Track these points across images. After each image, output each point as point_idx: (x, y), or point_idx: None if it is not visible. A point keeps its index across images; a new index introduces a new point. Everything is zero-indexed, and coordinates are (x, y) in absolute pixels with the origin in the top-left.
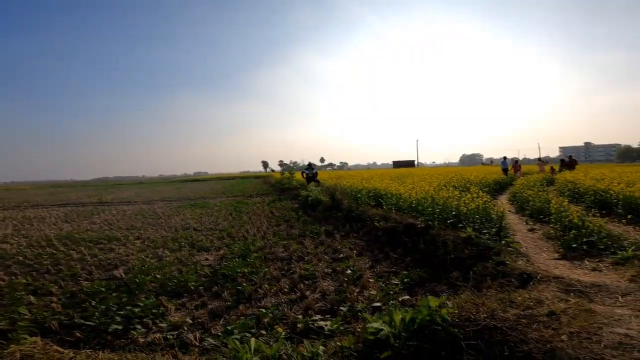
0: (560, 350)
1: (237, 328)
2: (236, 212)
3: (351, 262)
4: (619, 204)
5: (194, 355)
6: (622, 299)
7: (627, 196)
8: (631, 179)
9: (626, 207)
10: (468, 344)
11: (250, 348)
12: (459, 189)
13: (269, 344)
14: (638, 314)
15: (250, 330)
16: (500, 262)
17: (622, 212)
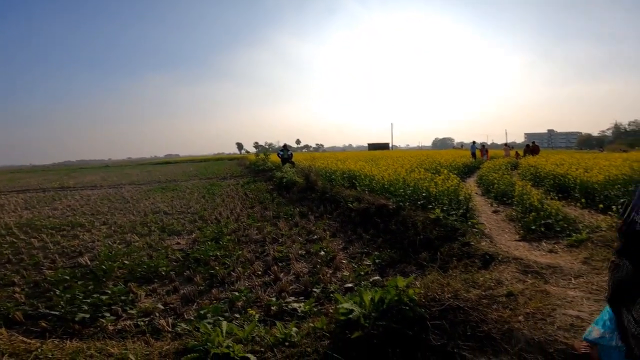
0: (518, 331)
1: (210, 312)
2: (209, 194)
3: (325, 243)
4: (576, 188)
5: (167, 341)
6: (575, 280)
7: (583, 181)
8: (588, 165)
9: (582, 191)
10: (434, 324)
11: (222, 331)
12: (430, 171)
13: (242, 327)
14: (589, 295)
15: (224, 314)
16: (466, 243)
17: (578, 196)
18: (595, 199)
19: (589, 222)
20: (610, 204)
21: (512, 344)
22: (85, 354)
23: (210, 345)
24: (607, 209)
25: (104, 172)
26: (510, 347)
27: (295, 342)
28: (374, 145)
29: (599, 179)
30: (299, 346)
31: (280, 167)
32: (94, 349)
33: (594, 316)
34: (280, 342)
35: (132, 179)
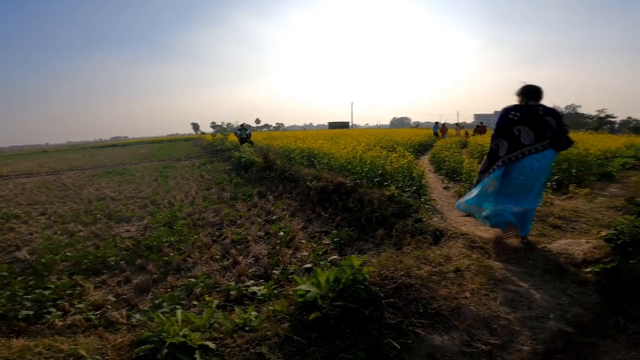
0: (465, 307)
1: (166, 301)
2: (162, 177)
3: (284, 223)
4: None
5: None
6: (515, 255)
7: None
8: None
9: None
10: (388, 302)
11: (177, 320)
12: (387, 149)
13: (200, 315)
14: (526, 270)
15: (181, 302)
16: (418, 220)
17: None
18: None
19: None
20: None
21: (460, 320)
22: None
23: (166, 335)
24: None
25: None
26: (460, 323)
27: (255, 326)
28: (334, 124)
29: None
30: (259, 330)
31: (238, 147)
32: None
33: (531, 291)
34: (240, 328)
35: (73, 164)
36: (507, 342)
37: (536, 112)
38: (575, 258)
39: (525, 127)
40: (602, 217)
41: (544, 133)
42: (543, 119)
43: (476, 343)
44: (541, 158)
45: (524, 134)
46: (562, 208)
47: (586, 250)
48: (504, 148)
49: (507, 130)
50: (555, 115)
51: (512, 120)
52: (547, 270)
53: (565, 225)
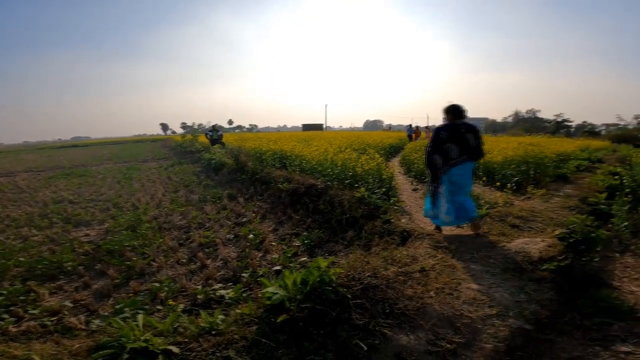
0: (430, 307)
1: (128, 306)
2: (125, 179)
3: (254, 225)
4: (480, 168)
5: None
6: (477, 254)
7: (486, 161)
8: (490, 147)
9: (485, 170)
10: (356, 303)
11: (138, 325)
12: (359, 151)
13: (164, 319)
14: (487, 269)
15: (144, 307)
16: (387, 221)
17: (481, 174)
18: (494, 177)
19: (489, 198)
20: (506, 182)
21: (426, 319)
22: None
23: (126, 340)
24: (504, 186)
25: None
26: (425, 322)
27: (222, 330)
28: (308, 126)
29: (498, 160)
30: (226, 334)
31: (209, 149)
32: None
33: (492, 289)
34: (206, 331)
35: (29, 165)
36: (471, 341)
37: (459, 131)
38: (532, 256)
39: (452, 144)
40: (556, 217)
41: (465, 149)
42: (464, 136)
43: (441, 342)
44: (463, 167)
45: (451, 150)
46: (520, 208)
47: (542, 248)
48: (439, 161)
49: (439, 147)
50: (474, 131)
51: (442, 138)
52: (507, 269)
53: (523, 225)
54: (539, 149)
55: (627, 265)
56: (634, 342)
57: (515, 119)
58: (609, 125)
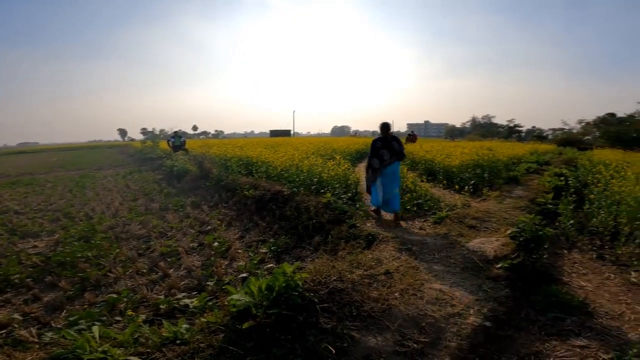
0: (395, 308)
1: (83, 318)
2: (78, 188)
3: (219, 233)
4: (440, 172)
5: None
6: (438, 255)
7: (445, 165)
8: (449, 152)
9: (445, 174)
10: (323, 307)
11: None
12: (326, 157)
13: (124, 330)
14: (448, 269)
15: (101, 318)
16: (353, 225)
17: (442, 178)
18: (453, 180)
19: (449, 201)
20: (464, 184)
21: (392, 320)
22: None
23: (81, 352)
24: (462, 189)
25: None
26: (391, 323)
27: (187, 339)
28: (276, 132)
29: (456, 164)
30: (192, 343)
31: (170, 155)
32: None
33: (453, 288)
34: (170, 341)
35: None
36: (436, 340)
37: (389, 141)
38: (488, 255)
39: (384, 150)
40: (509, 217)
41: (393, 153)
42: (391, 144)
43: (408, 342)
44: (393, 166)
45: (384, 154)
46: (477, 210)
47: (496, 247)
48: (377, 163)
49: (376, 153)
50: (397, 141)
51: (378, 147)
52: (466, 268)
53: (479, 225)
54: (492, 154)
55: (574, 261)
56: (588, 336)
57: (472, 125)
58: (555, 129)
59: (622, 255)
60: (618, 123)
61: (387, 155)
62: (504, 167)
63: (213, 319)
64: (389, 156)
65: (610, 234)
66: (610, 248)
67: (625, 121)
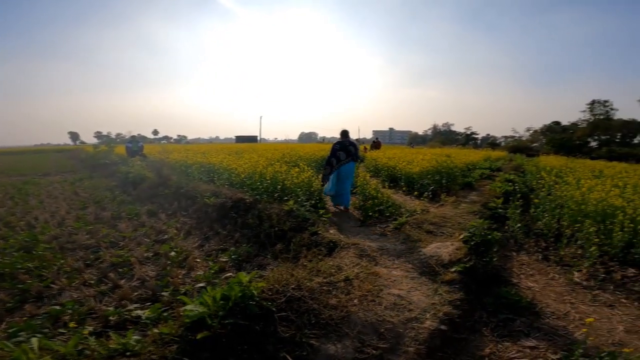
0: (354, 315)
1: (24, 330)
2: (20, 195)
3: (176, 242)
4: (402, 178)
5: None
6: (397, 260)
7: (407, 172)
8: (411, 158)
9: (406, 180)
10: (281, 316)
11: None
12: (291, 164)
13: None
14: (407, 274)
15: (43, 330)
16: (314, 232)
17: (403, 184)
18: (414, 186)
19: (410, 206)
20: (424, 190)
21: (351, 327)
22: None
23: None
24: (421, 194)
25: None
26: (351, 330)
27: (137, 350)
28: (241, 137)
29: (417, 171)
30: (143, 354)
31: (126, 161)
32: None
33: (411, 293)
34: (119, 353)
35: None
36: (395, 345)
37: (346, 145)
38: (443, 259)
39: (342, 152)
40: (464, 221)
41: (349, 155)
42: (348, 148)
43: (367, 348)
44: (348, 165)
45: (341, 155)
46: (434, 215)
47: (451, 252)
48: (334, 163)
49: (335, 154)
50: (353, 145)
51: (336, 149)
52: (423, 272)
53: (436, 230)
54: (451, 160)
55: (522, 263)
56: (537, 337)
57: (433, 132)
58: (507, 137)
59: (565, 256)
60: (562, 131)
61: (343, 156)
62: (461, 173)
63: (166, 330)
64: (345, 157)
65: (554, 236)
66: (554, 249)
67: (569, 129)
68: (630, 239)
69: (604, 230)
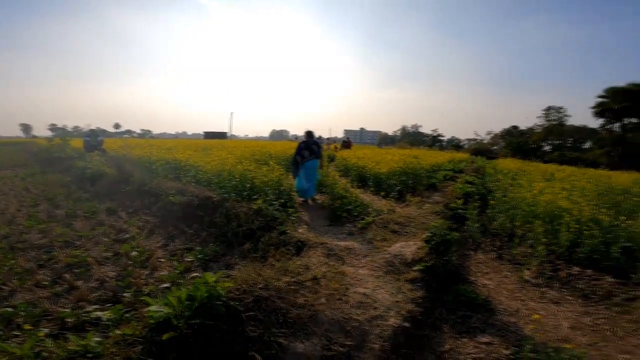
0: (322, 313)
1: None
2: None
3: (138, 242)
4: (370, 178)
5: None
6: (363, 260)
7: (375, 172)
8: (380, 159)
9: (374, 181)
10: (249, 316)
11: None
12: (261, 162)
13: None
14: (372, 272)
15: None
16: (283, 232)
17: (371, 184)
18: (382, 186)
19: (377, 206)
20: (391, 191)
21: (318, 326)
22: None
23: None
24: (388, 194)
25: None
26: (318, 329)
27: (99, 352)
28: (210, 133)
29: (385, 172)
30: (105, 356)
31: (84, 156)
32: None
33: (376, 291)
34: (80, 355)
35: None
36: (361, 342)
37: (310, 144)
38: (407, 258)
39: (306, 151)
40: (427, 221)
41: (312, 152)
42: (312, 147)
43: (334, 346)
44: (312, 162)
45: (305, 153)
46: (400, 215)
47: (414, 251)
48: (300, 159)
49: (300, 152)
50: (317, 144)
51: (302, 148)
52: (388, 271)
53: (401, 230)
54: (418, 161)
55: (479, 261)
56: (491, 333)
57: (402, 133)
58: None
59: (517, 255)
60: (520, 135)
61: (307, 154)
62: (426, 174)
63: (130, 331)
64: (309, 154)
65: (508, 236)
66: (507, 248)
67: (526, 133)
68: (575, 238)
69: (551, 231)
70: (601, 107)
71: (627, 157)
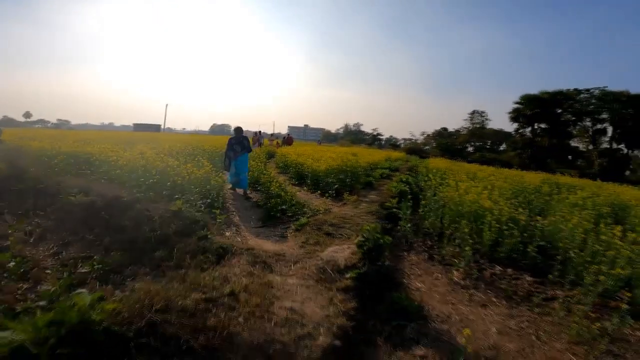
0: (238, 336)
1: None
2: None
3: (20, 249)
4: (309, 176)
5: None
6: (294, 266)
7: (313, 170)
8: (319, 156)
9: (312, 178)
10: (139, 343)
11: None
12: (190, 157)
13: None
14: (302, 282)
15: None
16: (204, 237)
17: (309, 182)
18: (319, 184)
19: (314, 205)
20: (328, 189)
21: (234, 351)
22: None
23: None
24: (325, 192)
25: None
26: (234, 355)
27: None
28: (141, 125)
29: (323, 169)
30: None
31: None
32: None
33: (305, 305)
34: None
35: None
36: None
37: (240, 139)
38: (340, 265)
39: (237, 145)
40: (362, 222)
41: (243, 147)
42: (242, 142)
43: None
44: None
45: (236, 148)
46: (335, 215)
47: (347, 256)
48: (232, 155)
49: (231, 147)
50: (246, 139)
51: (233, 143)
52: (319, 280)
53: (335, 232)
54: (356, 159)
55: (412, 263)
56: (425, 344)
57: (345, 131)
58: (405, 139)
59: (447, 255)
60: (449, 136)
61: (238, 148)
62: (364, 172)
63: None
64: (240, 149)
65: (438, 235)
66: (438, 248)
67: (454, 135)
68: (496, 238)
69: (476, 230)
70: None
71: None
